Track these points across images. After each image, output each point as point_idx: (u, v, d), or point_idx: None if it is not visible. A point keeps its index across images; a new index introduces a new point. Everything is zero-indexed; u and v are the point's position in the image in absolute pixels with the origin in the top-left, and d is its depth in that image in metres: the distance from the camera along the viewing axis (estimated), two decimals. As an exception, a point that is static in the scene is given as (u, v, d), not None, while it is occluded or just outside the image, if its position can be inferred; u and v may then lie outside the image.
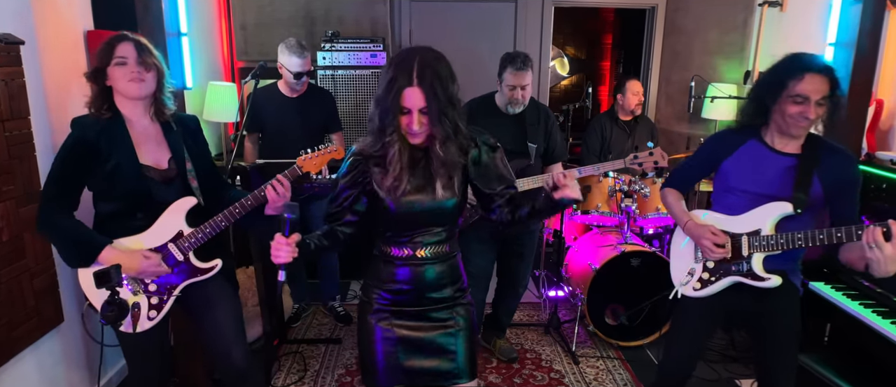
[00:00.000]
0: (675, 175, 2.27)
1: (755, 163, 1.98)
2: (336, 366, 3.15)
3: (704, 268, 2.09)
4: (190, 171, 1.98)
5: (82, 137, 1.85)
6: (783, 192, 1.92)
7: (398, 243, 1.72)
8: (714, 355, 3.20)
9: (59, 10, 2.45)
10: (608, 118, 4.00)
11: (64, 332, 2.45)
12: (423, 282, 1.74)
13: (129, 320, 1.88)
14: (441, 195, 1.65)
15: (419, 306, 1.77)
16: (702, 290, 2.09)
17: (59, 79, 2.43)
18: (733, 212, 2.02)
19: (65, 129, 1.89)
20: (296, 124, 3.28)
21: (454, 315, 1.79)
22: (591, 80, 6.95)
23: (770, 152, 1.96)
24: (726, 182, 2.05)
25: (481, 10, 4.64)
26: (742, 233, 1.99)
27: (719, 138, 2.14)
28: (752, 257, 1.97)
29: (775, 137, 1.97)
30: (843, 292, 2.35)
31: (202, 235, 1.95)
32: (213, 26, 4.21)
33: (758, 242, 1.95)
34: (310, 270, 3.72)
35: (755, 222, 1.96)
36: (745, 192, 1.99)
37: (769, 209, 1.94)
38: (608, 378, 3.06)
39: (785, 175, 1.93)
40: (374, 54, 4.03)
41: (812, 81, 1.82)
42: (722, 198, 2.08)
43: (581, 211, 3.54)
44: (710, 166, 2.12)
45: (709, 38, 4.47)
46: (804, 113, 1.83)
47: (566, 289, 3.72)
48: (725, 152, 2.04)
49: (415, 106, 1.55)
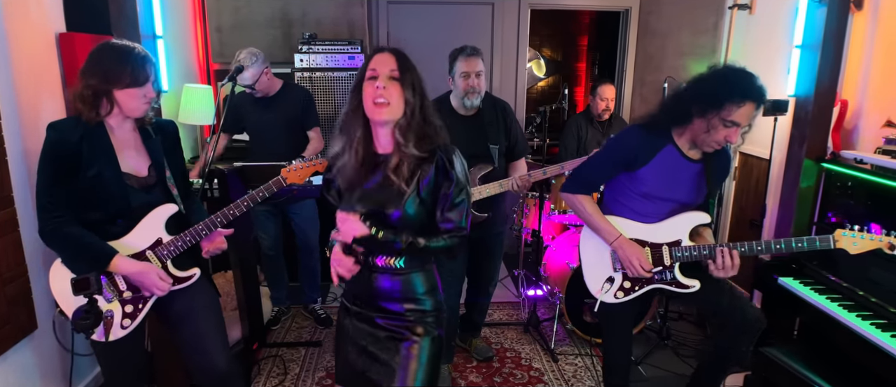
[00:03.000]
0: (583, 177, 2.17)
1: (671, 170, 2.01)
2: (316, 369, 3.14)
3: (625, 277, 2.12)
4: (169, 178, 1.97)
5: (64, 140, 1.79)
6: (693, 197, 2.03)
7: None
8: (689, 351, 3.26)
9: (30, 12, 2.41)
10: (584, 119, 4.08)
11: (38, 340, 2.41)
12: (373, 289, 1.66)
13: (101, 329, 1.80)
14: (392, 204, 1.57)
15: (369, 309, 1.68)
16: (624, 297, 2.13)
17: (31, 82, 2.39)
18: (647, 218, 2.06)
19: (37, 132, 1.85)
20: (273, 123, 3.28)
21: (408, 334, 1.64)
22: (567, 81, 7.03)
23: (683, 160, 2.01)
24: (640, 188, 2.05)
25: (458, 11, 4.66)
26: (663, 243, 2.04)
27: (638, 141, 2.04)
28: (674, 267, 2.04)
29: (685, 144, 2.01)
30: (812, 287, 2.42)
31: (182, 244, 1.93)
32: (188, 29, 4.17)
33: (680, 253, 2.01)
34: (291, 272, 3.70)
35: (674, 232, 2.03)
36: (662, 199, 2.03)
37: (687, 219, 2.01)
38: (586, 375, 3.10)
39: (694, 181, 2.01)
40: (352, 56, 4.03)
41: (748, 110, 1.85)
42: (631, 202, 2.08)
43: (559, 211, 3.58)
44: (624, 168, 2.06)
45: (681, 41, 4.56)
46: (730, 137, 1.87)
47: (545, 288, 3.76)
48: (644, 157, 2.02)
49: (384, 68, 1.55)
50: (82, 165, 1.81)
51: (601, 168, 2.15)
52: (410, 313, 1.66)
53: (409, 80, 1.57)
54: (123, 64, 1.79)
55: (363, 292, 1.69)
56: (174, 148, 2.06)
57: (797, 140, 2.83)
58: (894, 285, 2.19)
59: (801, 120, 2.80)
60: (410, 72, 1.58)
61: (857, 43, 2.95)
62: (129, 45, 1.85)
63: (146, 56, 1.85)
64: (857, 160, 2.66)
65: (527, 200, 3.83)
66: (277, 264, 3.59)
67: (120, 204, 1.87)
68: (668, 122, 2.01)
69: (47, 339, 2.46)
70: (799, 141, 2.81)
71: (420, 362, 1.63)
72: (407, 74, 1.57)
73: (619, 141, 2.12)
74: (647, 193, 2.03)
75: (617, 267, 2.11)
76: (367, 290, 1.67)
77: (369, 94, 1.55)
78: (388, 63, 1.57)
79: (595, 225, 2.12)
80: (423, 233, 1.59)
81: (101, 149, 1.84)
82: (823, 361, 2.37)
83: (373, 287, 1.66)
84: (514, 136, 2.92)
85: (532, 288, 3.89)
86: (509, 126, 2.90)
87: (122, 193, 1.86)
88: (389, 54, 1.59)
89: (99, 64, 1.80)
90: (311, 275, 3.62)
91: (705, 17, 4.44)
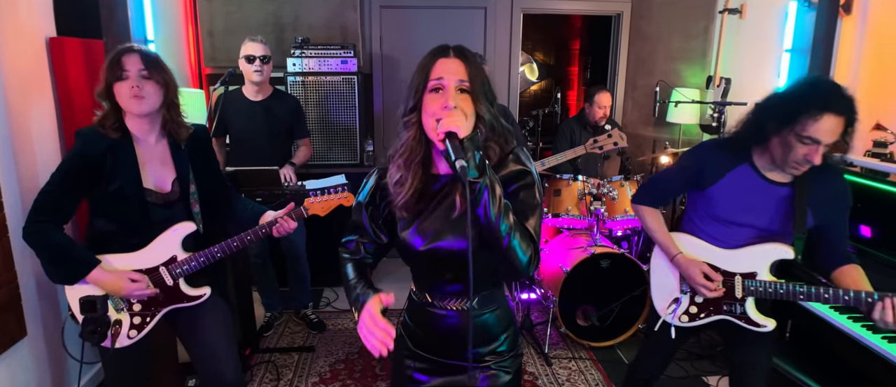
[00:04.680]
0: (651, 190, 2.06)
1: (747, 192, 1.79)
2: (309, 374, 3.12)
3: (693, 301, 1.93)
4: (193, 194, 1.94)
5: (87, 153, 1.78)
6: (778, 227, 1.77)
7: (419, 283, 1.46)
8: (682, 353, 3.27)
9: (20, 16, 2.39)
10: (577, 123, 4.09)
11: (27, 346, 2.39)
12: (441, 335, 1.43)
13: (108, 336, 1.82)
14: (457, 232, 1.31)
15: (438, 355, 1.47)
16: (689, 323, 1.95)
17: (20, 86, 2.37)
18: (721, 243, 1.86)
19: (26, 137, 1.84)
20: (260, 129, 3.27)
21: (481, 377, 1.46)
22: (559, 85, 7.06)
23: (763, 182, 1.78)
24: (713, 210, 1.86)
25: (451, 16, 4.67)
26: (736, 272, 1.83)
27: (708, 156, 1.88)
28: (746, 300, 1.84)
29: (766, 165, 1.78)
30: (803, 289, 2.43)
31: (195, 264, 1.92)
32: (179, 33, 4.15)
33: (754, 287, 1.80)
34: (281, 278, 3.68)
35: (751, 263, 1.81)
36: (735, 223, 1.83)
37: (768, 251, 1.79)
38: (580, 379, 3.11)
39: (778, 208, 1.77)
40: (345, 60, 4.03)
41: (828, 122, 1.58)
42: (705, 224, 1.90)
43: (552, 214, 3.59)
44: (694, 184, 1.91)
45: (672, 45, 4.59)
46: (809, 156, 1.62)
47: (538, 291, 3.76)
48: (714, 175, 1.83)
49: (452, 77, 1.24)
50: (104, 179, 1.79)
51: (668, 181, 2.03)
52: (489, 358, 1.46)
53: (481, 90, 1.27)
54: (115, 54, 1.80)
55: (429, 338, 1.47)
56: (204, 154, 2.02)
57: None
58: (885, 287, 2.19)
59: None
60: (480, 77, 1.28)
61: (846, 47, 2.98)
62: (126, 44, 1.85)
63: (143, 50, 1.83)
64: (847, 163, 2.68)
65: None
66: (266, 272, 3.57)
67: (138, 220, 1.85)
68: (745, 139, 1.79)
69: (37, 346, 2.44)
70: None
71: None
72: (477, 83, 1.27)
73: (689, 154, 1.97)
74: (718, 216, 1.85)
75: (684, 289, 1.95)
76: (434, 334, 1.45)
77: (433, 111, 1.24)
78: (456, 71, 1.25)
79: (657, 239, 1.98)
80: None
81: (125, 163, 1.82)
82: (814, 362, 2.39)
83: (441, 331, 1.43)
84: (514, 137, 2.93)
85: (526, 291, 3.89)
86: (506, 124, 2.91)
87: (142, 210, 1.85)
88: (457, 59, 1.27)
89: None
90: (301, 281, 3.60)
91: (696, 22, 4.47)
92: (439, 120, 1.21)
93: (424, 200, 1.35)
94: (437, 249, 1.33)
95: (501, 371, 1.47)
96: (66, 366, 2.63)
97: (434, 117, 1.23)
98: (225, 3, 4.27)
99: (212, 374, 2.00)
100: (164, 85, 1.84)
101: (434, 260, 1.35)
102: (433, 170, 1.37)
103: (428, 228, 1.34)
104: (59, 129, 2.62)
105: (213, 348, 2.00)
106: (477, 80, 1.27)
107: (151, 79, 1.80)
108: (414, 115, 1.29)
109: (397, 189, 1.34)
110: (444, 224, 1.33)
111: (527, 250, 1.24)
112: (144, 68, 1.79)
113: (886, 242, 2.33)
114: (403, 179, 1.33)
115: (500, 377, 1.46)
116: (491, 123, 1.30)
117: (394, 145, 1.36)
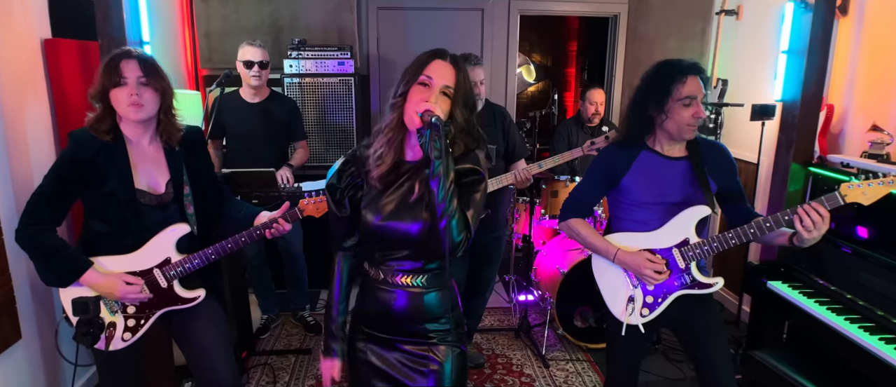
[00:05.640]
0: (574, 202, 2.16)
1: (654, 173, 1.98)
2: (306, 377, 3.11)
3: (645, 292, 2.03)
4: (187, 196, 1.93)
5: (79, 156, 1.78)
6: (689, 194, 1.96)
7: (372, 261, 1.58)
8: (679, 355, 3.27)
9: (15, 17, 2.38)
10: (574, 123, 4.10)
11: (22, 349, 2.37)
12: (391, 310, 1.56)
13: (101, 339, 1.82)
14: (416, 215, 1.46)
15: (388, 332, 1.59)
16: (650, 315, 2.03)
17: (15, 88, 2.36)
18: (647, 226, 2.00)
19: (21, 138, 1.83)
20: (257, 131, 3.26)
21: (431, 358, 1.57)
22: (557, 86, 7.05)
23: (664, 160, 1.99)
24: (631, 197, 2.01)
25: (448, 17, 4.67)
26: (671, 246, 1.98)
27: (610, 156, 2.06)
28: (689, 267, 1.97)
29: (664, 145, 1.99)
30: (800, 291, 2.43)
31: (190, 266, 1.91)
32: (176, 35, 4.14)
33: (691, 252, 1.95)
34: (278, 280, 3.68)
35: (679, 232, 1.96)
36: (653, 203, 1.99)
37: (688, 215, 1.94)
38: (578, 381, 3.10)
39: (684, 178, 1.97)
40: (342, 62, 4.02)
41: (693, 82, 1.88)
42: (628, 213, 2.04)
43: (549, 216, 3.59)
44: (607, 184, 2.06)
45: (669, 46, 4.59)
46: (696, 114, 1.88)
47: (535, 293, 3.76)
48: (621, 169, 2.01)
49: (440, 80, 1.42)
50: (96, 181, 1.79)
51: (586, 189, 2.14)
52: (433, 334, 1.58)
53: (461, 98, 1.45)
54: (113, 58, 1.78)
55: (379, 315, 1.59)
56: (198, 156, 2.01)
57: (784, 144, 2.85)
58: (881, 289, 2.20)
59: (789, 124, 2.82)
60: (465, 87, 1.46)
61: (843, 48, 2.98)
62: (123, 48, 1.84)
63: (141, 55, 1.82)
64: (844, 164, 2.69)
65: (517, 204, 3.84)
66: (263, 274, 3.56)
67: (131, 223, 1.85)
68: (635, 132, 2.02)
69: (31, 349, 2.43)
70: (786, 145, 2.83)
71: (448, 384, 1.58)
72: (461, 91, 1.45)
73: (595, 160, 2.13)
74: (637, 201, 2.01)
75: (632, 283, 2.04)
76: (383, 312, 1.57)
77: (415, 102, 1.41)
78: (445, 75, 1.43)
79: (592, 245, 2.09)
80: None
81: (118, 165, 1.81)
82: (812, 364, 2.38)
83: (391, 308, 1.56)
84: (512, 138, 2.98)
85: (523, 293, 3.89)
86: (507, 128, 2.96)
87: (133, 213, 1.84)
88: (450, 65, 1.45)
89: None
90: (297, 283, 3.59)
91: (693, 23, 4.48)
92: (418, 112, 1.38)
93: (391, 178, 1.51)
94: (389, 227, 1.48)
95: (446, 345, 1.59)
96: (60, 369, 2.62)
97: (415, 108, 1.40)
98: (221, 4, 4.26)
99: (207, 376, 1.99)
100: (161, 91, 1.83)
101: (386, 237, 1.50)
102: (404, 156, 1.53)
103: (386, 207, 1.49)
104: (54, 130, 2.61)
105: (207, 349, 1.99)
106: (461, 89, 1.45)
107: (150, 86, 1.80)
108: (400, 100, 1.46)
109: (377, 162, 1.50)
110: (401, 206, 1.49)
111: (461, 233, 1.40)
112: (143, 75, 1.78)
113: (883, 242, 2.33)
114: (384, 155, 1.49)
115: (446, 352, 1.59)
116: (462, 126, 1.47)
117: (379, 124, 1.54)
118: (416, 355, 1.58)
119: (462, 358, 1.62)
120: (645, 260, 1.96)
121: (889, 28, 2.73)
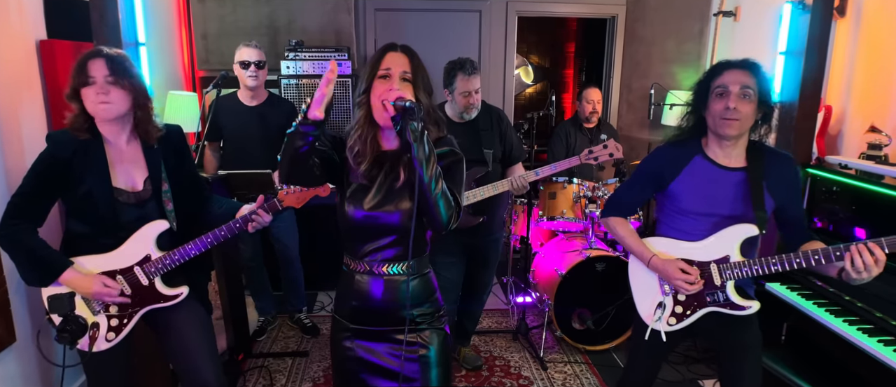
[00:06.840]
0: (617, 200, 2.12)
1: (705, 182, 1.89)
2: (303, 379, 3.10)
3: (676, 301, 1.96)
4: (165, 192, 1.93)
5: (55, 155, 1.79)
6: (740, 210, 1.86)
7: (353, 254, 1.63)
8: (677, 357, 3.26)
9: (10, 18, 2.37)
10: (572, 125, 4.09)
11: (17, 352, 2.36)
12: (372, 301, 1.61)
13: (85, 340, 1.83)
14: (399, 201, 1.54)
15: (373, 324, 1.63)
16: (677, 324, 1.97)
17: (10, 89, 2.35)
18: (691, 236, 1.93)
19: (16, 139, 1.83)
20: (255, 133, 3.25)
21: (419, 341, 1.63)
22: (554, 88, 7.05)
23: (717, 169, 1.89)
24: (678, 205, 1.94)
25: (446, 19, 4.67)
26: (710, 260, 1.89)
27: (662, 156, 2.01)
28: (726, 286, 1.89)
29: (717, 151, 1.90)
30: (798, 292, 2.43)
31: (170, 262, 1.90)
32: (172, 35, 4.13)
33: (730, 271, 1.86)
34: (274, 282, 3.66)
35: (721, 248, 1.88)
36: (700, 214, 1.91)
37: (733, 233, 1.85)
38: (576, 383, 3.09)
39: (737, 191, 1.87)
40: (339, 63, 4.01)
41: (730, 74, 1.81)
42: (673, 221, 1.98)
43: (547, 217, 3.58)
44: (654, 187, 2.01)
45: (667, 47, 4.59)
46: (727, 103, 1.78)
47: (534, 295, 3.75)
48: (671, 172, 1.94)
49: (397, 68, 1.49)
50: (73, 181, 1.79)
51: (630, 189, 2.08)
52: (421, 319, 1.64)
53: (421, 82, 1.53)
54: (82, 59, 1.78)
55: (363, 309, 1.63)
56: (178, 154, 2.00)
57: (782, 146, 2.84)
58: (879, 290, 2.20)
59: (787, 126, 2.82)
60: (421, 71, 1.54)
61: (841, 49, 2.98)
62: (94, 48, 1.83)
63: (110, 53, 1.80)
64: (842, 165, 2.68)
65: (515, 206, 3.83)
66: (259, 275, 3.55)
67: (108, 221, 1.85)
68: (690, 132, 1.95)
69: (27, 352, 2.41)
70: (784, 146, 2.82)
71: (435, 365, 1.64)
72: (419, 75, 1.52)
73: (645, 160, 2.07)
74: (683, 209, 1.92)
75: (666, 290, 1.98)
76: (367, 304, 1.62)
77: (380, 94, 1.48)
78: (401, 63, 1.51)
79: (629, 247, 2.04)
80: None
81: (94, 164, 1.82)
82: (810, 365, 2.38)
83: (375, 299, 1.61)
84: (510, 141, 2.96)
85: (521, 295, 3.88)
86: (504, 132, 2.93)
87: (110, 211, 1.84)
88: (402, 54, 1.53)
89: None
90: (294, 284, 3.58)
91: (691, 25, 4.47)
92: (384, 102, 1.44)
93: (375, 172, 1.57)
94: (374, 216, 1.54)
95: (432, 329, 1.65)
96: (55, 372, 2.60)
97: (380, 99, 1.47)
98: (219, 5, 4.25)
99: (191, 377, 1.98)
100: (131, 89, 1.82)
101: (371, 227, 1.56)
102: (381, 147, 1.59)
103: (371, 199, 1.55)
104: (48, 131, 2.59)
105: (189, 347, 1.97)
106: (418, 73, 1.52)
107: (117, 84, 1.79)
108: (364, 96, 1.53)
109: (357, 159, 1.56)
110: (387, 194, 1.55)
111: (448, 211, 1.47)
112: (110, 74, 1.77)
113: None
114: (361, 152, 1.55)
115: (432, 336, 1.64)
116: (427, 109, 1.53)
117: (350, 123, 1.60)
118: (404, 342, 1.62)
119: (447, 340, 1.69)
120: (677, 270, 1.89)
121: (887, 29, 2.72)
